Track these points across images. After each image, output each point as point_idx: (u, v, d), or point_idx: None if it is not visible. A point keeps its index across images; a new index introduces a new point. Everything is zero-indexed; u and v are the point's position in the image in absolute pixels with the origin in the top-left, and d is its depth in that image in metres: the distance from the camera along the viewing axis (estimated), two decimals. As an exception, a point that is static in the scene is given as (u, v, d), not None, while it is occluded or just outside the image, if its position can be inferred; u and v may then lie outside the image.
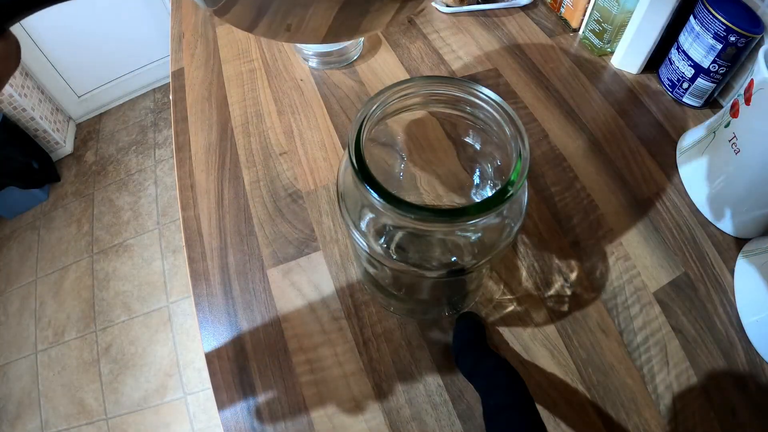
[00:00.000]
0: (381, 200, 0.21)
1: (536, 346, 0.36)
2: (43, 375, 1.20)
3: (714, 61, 0.44)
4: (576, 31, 0.57)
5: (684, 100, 0.49)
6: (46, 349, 1.24)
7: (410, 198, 0.32)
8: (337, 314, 0.38)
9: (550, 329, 0.36)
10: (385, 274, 0.32)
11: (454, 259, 0.32)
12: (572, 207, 0.42)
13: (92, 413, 1.13)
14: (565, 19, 0.58)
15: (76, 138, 1.69)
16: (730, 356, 0.35)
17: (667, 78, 0.50)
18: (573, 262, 0.39)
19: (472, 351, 0.31)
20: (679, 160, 0.45)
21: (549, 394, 0.34)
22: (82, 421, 1.12)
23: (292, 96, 0.52)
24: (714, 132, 0.40)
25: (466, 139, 0.30)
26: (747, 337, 0.35)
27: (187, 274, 0.69)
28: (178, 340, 1.20)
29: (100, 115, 1.75)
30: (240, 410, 0.34)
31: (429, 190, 0.35)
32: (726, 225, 0.41)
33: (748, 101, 0.35)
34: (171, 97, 0.54)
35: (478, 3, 0.61)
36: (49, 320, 1.28)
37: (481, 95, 0.25)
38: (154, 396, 1.13)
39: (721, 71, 0.44)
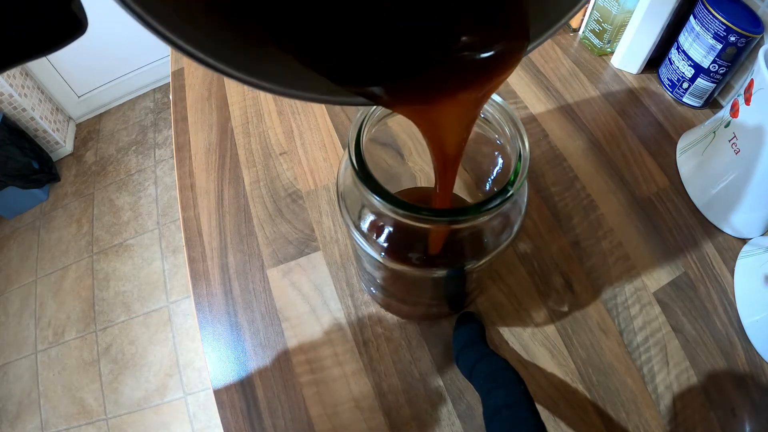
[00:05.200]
0: (381, 200, 0.21)
1: (536, 346, 0.36)
2: (43, 375, 1.20)
3: (714, 61, 0.44)
4: (576, 31, 0.57)
5: (684, 100, 0.49)
6: (46, 349, 1.24)
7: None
8: (337, 314, 0.38)
9: (550, 329, 0.36)
10: (386, 274, 0.32)
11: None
12: (572, 207, 0.42)
13: (92, 413, 1.13)
14: (565, 19, 0.58)
15: (76, 138, 1.69)
16: (730, 356, 0.35)
17: (667, 78, 0.49)
18: (573, 262, 0.39)
19: (472, 351, 0.31)
20: (679, 160, 0.45)
21: (549, 394, 0.34)
22: (82, 421, 1.12)
23: (292, 96, 0.52)
24: (714, 132, 0.40)
25: (466, 139, 0.30)
26: (747, 337, 0.35)
27: (187, 274, 0.69)
28: (178, 340, 1.20)
29: (100, 115, 1.75)
30: (240, 410, 0.34)
31: (429, 190, 0.35)
32: (726, 225, 0.41)
33: (748, 101, 0.35)
34: (171, 97, 0.54)
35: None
36: (49, 320, 1.28)
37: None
38: (154, 396, 1.13)
39: (721, 71, 0.44)
